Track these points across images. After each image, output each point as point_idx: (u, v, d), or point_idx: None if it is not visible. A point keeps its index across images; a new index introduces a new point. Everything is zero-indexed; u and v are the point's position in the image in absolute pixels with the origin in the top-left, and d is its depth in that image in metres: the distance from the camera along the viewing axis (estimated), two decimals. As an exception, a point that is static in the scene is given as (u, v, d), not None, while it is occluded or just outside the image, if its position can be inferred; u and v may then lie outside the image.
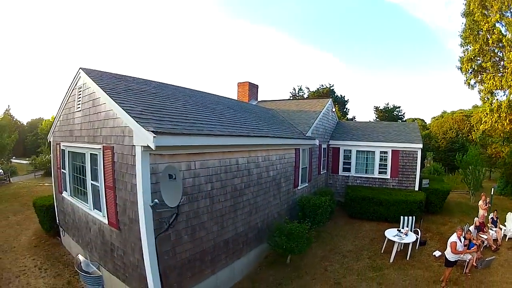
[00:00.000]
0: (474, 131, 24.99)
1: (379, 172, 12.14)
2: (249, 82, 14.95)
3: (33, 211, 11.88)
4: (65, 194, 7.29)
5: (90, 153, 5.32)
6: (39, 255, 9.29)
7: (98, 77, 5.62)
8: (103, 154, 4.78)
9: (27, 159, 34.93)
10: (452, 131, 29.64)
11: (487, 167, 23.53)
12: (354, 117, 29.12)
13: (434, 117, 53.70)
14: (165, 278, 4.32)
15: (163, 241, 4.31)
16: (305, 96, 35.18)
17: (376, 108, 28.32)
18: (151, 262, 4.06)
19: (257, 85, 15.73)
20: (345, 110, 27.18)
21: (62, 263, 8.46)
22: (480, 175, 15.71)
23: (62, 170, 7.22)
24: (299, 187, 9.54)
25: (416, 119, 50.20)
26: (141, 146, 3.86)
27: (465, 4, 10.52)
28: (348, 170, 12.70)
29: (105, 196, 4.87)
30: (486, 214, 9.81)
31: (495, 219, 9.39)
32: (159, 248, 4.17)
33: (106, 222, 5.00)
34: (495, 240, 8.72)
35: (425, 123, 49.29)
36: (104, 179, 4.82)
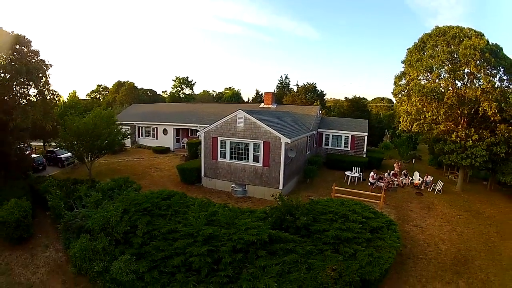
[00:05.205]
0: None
1: (344, 146, 23.65)
2: (272, 92, 25.50)
3: (151, 177, 19.45)
4: (221, 160, 16.43)
5: (253, 143, 15.41)
6: (196, 193, 15.97)
7: (251, 114, 15.49)
8: (263, 144, 15.11)
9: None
10: None
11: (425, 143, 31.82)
12: (330, 107, 40.31)
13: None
14: (284, 179, 15.19)
15: (285, 167, 15.15)
16: (290, 82, 46.37)
17: (346, 98, 39.60)
18: (282, 175, 14.93)
19: (275, 93, 26.09)
20: (323, 101, 38.35)
21: (215, 192, 16.61)
22: (408, 150, 26.51)
23: (220, 149, 16.51)
24: (307, 153, 20.72)
25: (384, 98, 60.07)
26: (284, 142, 14.56)
27: (406, 54, 18.48)
28: (327, 144, 24.10)
29: (263, 157, 15.28)
30: (398, 171, 20.44)
31: (406, 173, 19.25)
32: (284, 170, 14.97)
33: (261, 165, 15.44)
34: (405, 184, 18.36)
35: (392, 103, 55.04)
36: (263, 151, 15.20)
